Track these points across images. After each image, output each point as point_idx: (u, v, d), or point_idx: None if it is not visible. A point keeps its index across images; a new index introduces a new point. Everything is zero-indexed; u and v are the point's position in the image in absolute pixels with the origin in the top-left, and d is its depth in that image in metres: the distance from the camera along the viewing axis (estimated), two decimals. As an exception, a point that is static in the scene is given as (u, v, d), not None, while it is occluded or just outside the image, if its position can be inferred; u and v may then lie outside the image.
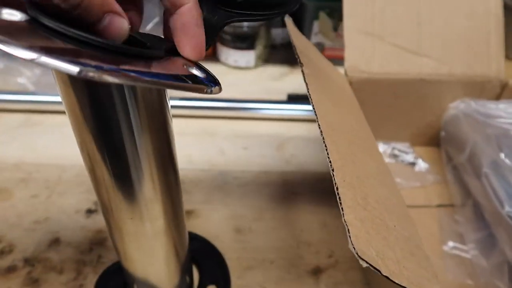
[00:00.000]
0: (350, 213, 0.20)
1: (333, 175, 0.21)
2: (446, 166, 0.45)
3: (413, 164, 0.47)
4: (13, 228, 0.39)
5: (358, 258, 0.18)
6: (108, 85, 0.18)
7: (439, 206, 0.42)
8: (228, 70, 0.66)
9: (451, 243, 0.38)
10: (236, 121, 0.55)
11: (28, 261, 0.37)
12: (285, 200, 0.44)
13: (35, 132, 0.51)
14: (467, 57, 0.45)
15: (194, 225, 0.40)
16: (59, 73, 0.18)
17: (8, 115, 0.54)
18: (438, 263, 0.37)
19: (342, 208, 0.20)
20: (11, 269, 0.36)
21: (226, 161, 0.48)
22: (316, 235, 0.40)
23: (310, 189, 0.45)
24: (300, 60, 0.29)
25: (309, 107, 0.55)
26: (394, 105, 0.47)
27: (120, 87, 0.18)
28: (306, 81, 0.28)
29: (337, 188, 0.21)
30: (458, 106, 0.45)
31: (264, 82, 0.63)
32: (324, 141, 0.23)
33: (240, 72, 0.65)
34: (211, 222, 0.41)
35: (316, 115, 0.25)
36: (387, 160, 0.47)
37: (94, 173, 0.22)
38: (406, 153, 0.47)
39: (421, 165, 0.46)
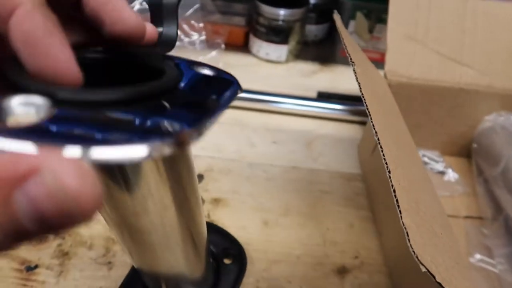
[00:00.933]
0: (407, 216, 0.20)
1: (390, 177, 0.21)
2: (476, 178, 0.44)
3: (442, 173, 0.46)
4: (45, 200, 0.40)
5: (418, 262, 0.18)
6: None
7: (467, 217, 0.42)
8: (259, 62, 0.66)
9: (478, 256, 0.38)
10: (266, 114, 0.55)
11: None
12: (313, 198, 0.44)
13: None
14: (509, 70, 0.44)
15: (222, 214, 0.41)
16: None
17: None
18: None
19: (400, 211, 0.20)
20: (42, 240, 0.37)
21: (256, 153, 0.48)
22: (343, 235, 0.40)
23: (337, 189, 0.45)
24: (351, 59, 0.29)
25: (339, 106, 0.55)
26: (429, 112, 0.47)
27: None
28: (359, 80, 0.28)
29: (394, 191, 0.21)
30: (494, 119, 0.44)
31: (293, 78, 0.63)
32: (379, 143, 0.23)
33: (270, 66, 0.65)
34: (239, 212, 0.41)
35: (369, 115, 0.25)
36: (416, 166, 0.47)
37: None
38: (436, 161, 0.47)
39: (451, 175, 0.46)
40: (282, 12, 0.61)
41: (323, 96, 0.58)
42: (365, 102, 0.26)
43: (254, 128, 0.52)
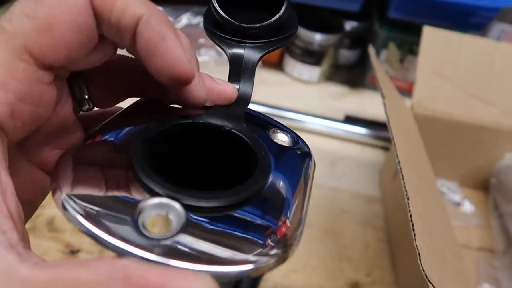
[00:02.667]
0: (420, 239, 0.23)
1: (408, 204, 0.24)
2: (492, 212, 0.46)
3: (459, 204, 0.48)
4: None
5: (427, 280, 0.20)
6: None
7: (479, 249, 0.44)
8: (291, 82, 0.69)
9: (486, 286, 0.40)
10: (295, 131, 0.58)
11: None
12: (333, 215, 0.46)
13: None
14: (532, 112, 0.46)
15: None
16: None
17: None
18: (471, 302, 0.39)
19: (414, 234, 0.23)
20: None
21: (282, 167, 0.52)
22: (358, 253, 0.43)
23: (357, 209, 0.48)
24: (382, 93, 0.32)
25: (364, 130, 0.58)
26: (451, 145, 0.49)
27: None
28: (388, 113, 0.31)
29: (410, 216, 0.24)
30: (514, 158, 0.46)
31: (323, 99, 0.66)
32: (401, 172, 0.26)
33: (302, 85, 0.69)
34: (263, 221, 0.44)
35: (395, 147, 0.28)
36: (434, 195, 0.49)
37: None
38: (454, 192, 0.49)
39: (467, 206, 0.48)
40: (318, 36, 0.64)
41: (350, 120, 0.60)
42: (392, 134, 0.29)
43: (282, 143, 0.56)
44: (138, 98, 0.20)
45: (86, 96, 0.19)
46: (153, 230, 0.14)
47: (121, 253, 0.13)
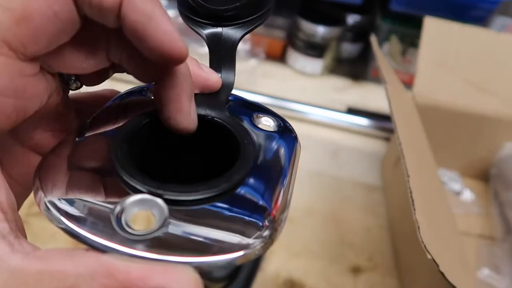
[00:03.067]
0: (420, 214, 0.23)
1: (408, 181, 0.25)
2: (492, 201, 0.47)
3: (459, 192, 0.49)
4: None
5: (424, 249, 0.21)
6: None
7: (479, 236, 0.45)
8: (294, 74, 0.70)
9: (486, 271, 0.40)
10: (298, 122, 0.59)
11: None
12: (335, 203, 0.47)
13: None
14: (532, 102, 0.47)
15: (251, 207, 0.45)
16: None
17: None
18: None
19: (414, 209, 0.23)
20: (92, 212, 0.41)
21: (285, 156, 0.52)
22: (360, 238, 0.43)
23: (359, 197, 0.48)
24: (385, 78, 0.33)
25: (366, 121, 0.59)
26: (452, 135, 0.50)
27: None
28: (389, 97, 0.31)
29: (411, 192, 0.24)
30: (514, 147, 0.47)
31: (326, 91, 0.67)
32: (402, 152, 0.27)
33: (305, 78, 0.69)
34: (266, 208, 0.45)
35: (396, 128, 0.29)
36: (435, 184, 0.50)
37: None
38: (455, 181, 0.50)
39: (468, 195, 0.49)
40: (320, 29, 0.65)
41: (352, 111, 0.61)
42: (393, 116, 0.30)
43: (285, 134, 0.56)
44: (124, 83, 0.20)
45: (73, 77, 0.18)
46: (137, 226, 0.14)
47: (105, 250, 0.13)
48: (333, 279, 0.39)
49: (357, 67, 0.73)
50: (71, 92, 0.19)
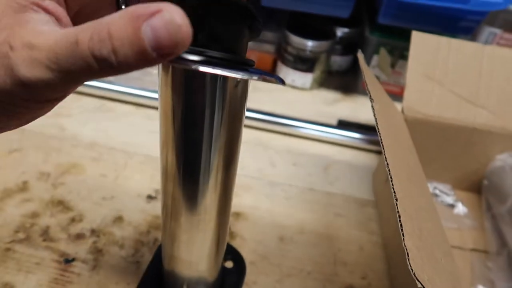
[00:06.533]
0: (409, 239, 0.23)
1: (396, 204, 0.25)
2: (485, 214, 0.47)
3: (452, 206, 0.49)
4: (84, 200, 0.44)
5: (414, 278, 0.21)
6: (203, 79, 0.21)
7: (473, 250, 0.44)
8: (284, 88, 0.70)
9: (480, 287, 0.40)
10: (288, 137, 0.58)
11: (94, 232, 0.41)
12: (327, 219, 0.47)
13: (108, 118, 0.57)
14: (521, 114, 0.47)
15: (241, 227, 0.44)
16: (166, 68, 0.22)
17: (87, 99, 0.59)
18: (466, 303, 0.39)
19: (403, 234, 0.23)
20: (79, 236, 0.41)
21: (276, 173, 0.52)
22: (353, 257, 0.43)
23: (351, 213, 0.48)
24: (371, 96, 0.33)
25: (357, 134, 0.58)
26: (443, 148, 0.49)
27: (216, 82, 0.21)
28: (376, 116, 0.31)
29: (399, 216, 0.24)
30: (505, 159, 0.47)
31: (316, 105, 0.67)
32: (389, 173, 0.26)
33: (295, 92, 0.69)
34: (257, 227, 0.44)
35: (383, 149, 0.28)
36: (427, 198, 0.50)
37: (166, 161, 0.25)
38: (447, 194, 0.49)
39: (460, 208, 0.48)
40: (310, 43, 0.65)
41: (343, 124, 0.61)
42: (380, 137, 0.30)
43: (276, 149, 0.56)
44: None
45: None
46: None
47: None
48: (326, 299, 0.38)
49: (347, 80, 0.73)
50: None
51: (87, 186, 0.46)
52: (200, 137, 0.24)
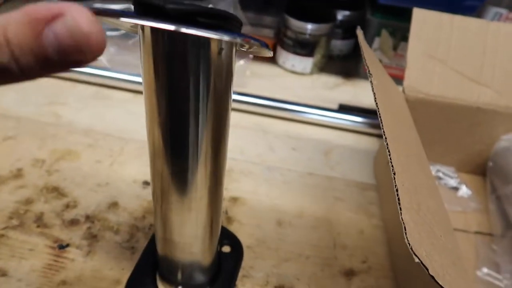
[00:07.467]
0: (407, 213, 0.22)
1: (394, 178, 0.23)
2: (489, 196, 0.45)
3: (456, 188, 0.47)
4: (78, 186, 0.43)
5: (412, 253, 0.20)
6: (188, 45, 0.20)
7: (477, 233, 0.43)
8: (284, 73, 0.69)
9: (485, 269, 0.39)
10: (288, 122, 0.57)
11: (89, 218, 0.40)
12: (327, 203, 0.46)
13: (104, 105, 0.56)
14: (527, 92, 0.45)
15: (239, 212, 0.43)
16: (147, 36, 0.20)
17: (82, 86, 0.59)
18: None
19: (400, 208, 0.22)
20: (74, 222, 0.40)
21: (275, 158, 0.51)
22: (352, 240, 0.42)
23: (351, 197, 0.47)
24: (369, 71, 0.31)
25: (358, 119, 0.57)
26: (446, 129, 0.48)
27: (201, 48, 0.20)
28: (374, 91, 0.30)
29: (397, 190, 0.23)
30: (510, 139, 0.45)
31: (317, 90, 0.66)
32: (387, 147, 0.25)
33: (295, 77, 0.68)
34: (255, 211, 0.43)
35: (381, 123, 0.27)
36: (430, 181, 0.48)
37: (153, 138, 0.24)
38: (451, 177, 0.48)
39: (464, 191, 0.47)
40: (309, 26, 0.64)
41: (344, 109, 0.60)
42: (379, 111, 0.28)
43: (276, 134, 0.55)
44: None
45: None
46: None
47: None
48: (325, 283, 0.37)
49: (348, 64, 0.72)
50: None
51: (82, 173, 0.45)
52: (186, 109, 0.22)
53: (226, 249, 0.39)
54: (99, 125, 0.52)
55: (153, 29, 0.20)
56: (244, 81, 0.62)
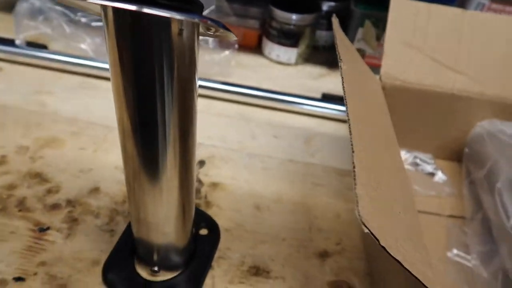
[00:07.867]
0: (362, 189, 0.23)
1: (353, 156, 0.24)
2: (464, 181, 0.46)
3: (432, 174, 0.48)
4: (61, 172, 0.44)
5: (361, 224, 0.21)
6: (149, 26, 0.21)
7: (450, 216, 0.44)
8: (270, 64, 0.69)
9: (455, 251, 0.40)
10: (271, 111, 0.58)
11: (70, 202, 0.41)
12: (305, 189, 0.47)
13: (89, 94, 0.57)
14: (501, 79, 0.46)
15: (218, 197, 0.44)
16: (110, 18, 0.21)
17: (68, 76, 0.59)
18: (440, 267, 0.39)
19: (355, 183, 0.23)
20: (55, 207, 0.41)
21: (256, 145, 0.52)
22: (329, 223, 0.43)
23: (330, 183, 0.48)
24: (339, 56, 0.32)
25: (341, 107, 0.58)
26: (423, 116, 0.49)
27: (162, 29, 0.21)
28: (342, 75, 0.31)
29: (354, 167, 0.24)
30: (485, 125, 0.46)
31: (301, 79, 0.66)
32: (349, 127, 0.26)
33: (280, 67, 0.69)
34: (234, 196, 0.44)
35: (346, 104, 0.28)
36: (407, 167, 0.49)
37: (122, 122, 0.26)
38: (428, 163, 0.49)
39: (440, 176, 0.48)
40: (294, 16, 0.64)
41: (327, 98, 0.60)
42: (345, 94, 0.29)
43: (259, 123, 0.56)
44: None
45: None
46: None
47: None
48: (300, 264, 0.38)
49: (333, 55, 0.73)
50: None
51: (65, 159, 0.46)
52: (152, 90, 0.23)
53: (204, 232, 0.40)
54: (84, 114, 0.53)
55: (115, 10, 0.21)
56: (229, 71, 0.62)
